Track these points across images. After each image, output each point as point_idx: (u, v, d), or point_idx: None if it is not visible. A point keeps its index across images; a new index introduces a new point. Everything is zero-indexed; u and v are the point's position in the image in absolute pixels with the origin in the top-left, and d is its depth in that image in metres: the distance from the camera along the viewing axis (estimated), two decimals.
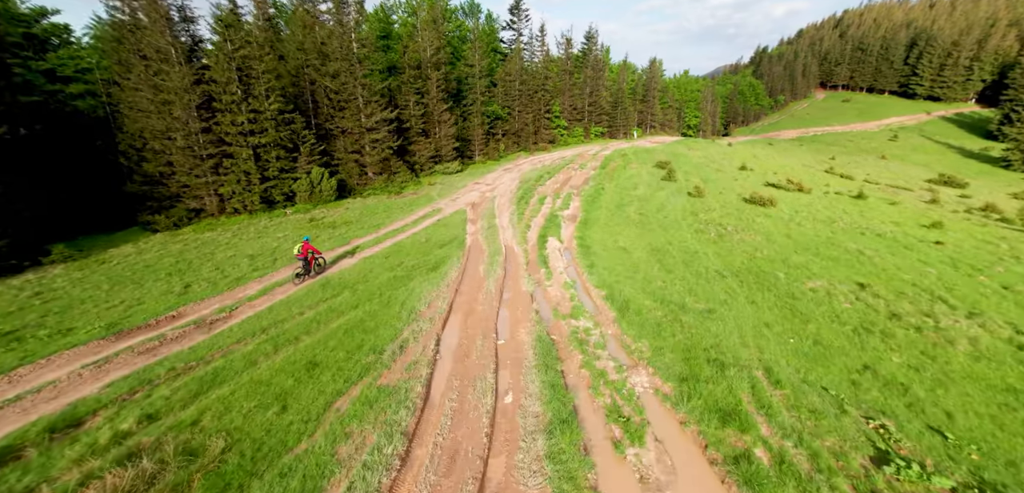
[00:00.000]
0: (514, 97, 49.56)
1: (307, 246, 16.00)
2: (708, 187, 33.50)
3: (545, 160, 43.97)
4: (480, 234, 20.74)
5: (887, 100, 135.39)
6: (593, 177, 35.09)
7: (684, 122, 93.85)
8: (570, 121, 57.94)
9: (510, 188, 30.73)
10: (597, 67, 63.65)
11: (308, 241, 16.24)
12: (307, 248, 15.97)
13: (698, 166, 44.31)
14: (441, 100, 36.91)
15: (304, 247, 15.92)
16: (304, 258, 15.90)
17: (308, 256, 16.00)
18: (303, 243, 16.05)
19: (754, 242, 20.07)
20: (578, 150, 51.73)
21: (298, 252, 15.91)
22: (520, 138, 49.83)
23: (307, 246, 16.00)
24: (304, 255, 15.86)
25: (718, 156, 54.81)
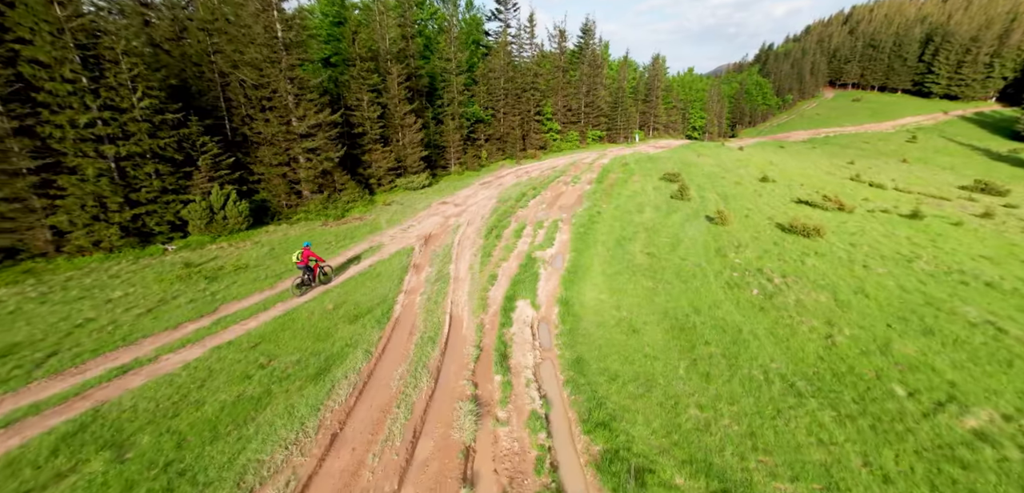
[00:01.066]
0: (499, 97, 43.08)
1: (308, 252, 14.92)
2: (730, 207, 27.02)
3: (533, 171, 37.50)
4: (421, 293, 14.29)
5: (900, 99, 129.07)
6: (588, 194, 28.60)
7: (689, 123, 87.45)
8: (564, 124, 51.49)
9: (483, 211, 24.27)
10: (594, 64, 57.19)
11: (308, 247, 15.10)
12: (308, 255, 14.91)
13: (712, 177, 37.81)
14: (404, 100, 30.41)
15: (304, 254, 14.82)
16: (305, 266, 14.85)
17: (309, 264, 15.00)
18: (303, 250, 14.90)
19: (819, 306, 13.57)
20: (572, 158, 45.23)
21: (297, 260, 14.71)
22: (506, 144, 43.35)
23: (308, 252, 14.92)
24: (304, 262, 14.82)
25: (731, 163, 48.35)
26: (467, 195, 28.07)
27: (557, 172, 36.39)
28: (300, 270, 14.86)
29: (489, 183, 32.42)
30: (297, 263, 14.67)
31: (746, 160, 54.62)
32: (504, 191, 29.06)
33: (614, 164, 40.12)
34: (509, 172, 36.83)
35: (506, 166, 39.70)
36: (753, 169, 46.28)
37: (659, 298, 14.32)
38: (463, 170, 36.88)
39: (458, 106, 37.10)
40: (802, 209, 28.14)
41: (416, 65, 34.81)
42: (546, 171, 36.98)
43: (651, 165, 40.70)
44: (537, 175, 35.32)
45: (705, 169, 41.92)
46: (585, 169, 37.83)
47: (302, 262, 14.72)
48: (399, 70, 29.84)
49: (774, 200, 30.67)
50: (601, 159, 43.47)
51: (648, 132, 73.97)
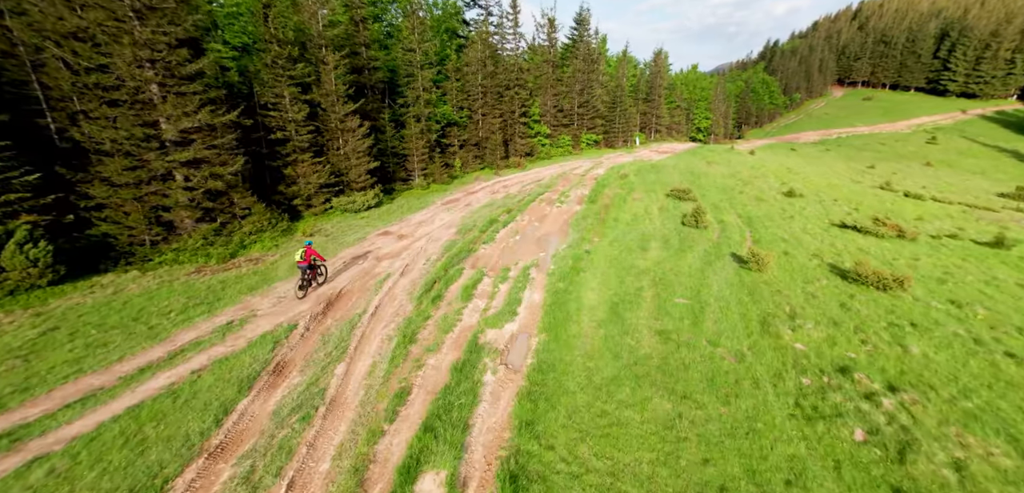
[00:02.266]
0: (476, 96, 36.57)
1: (311, 252, 13.95)
2: (760, 238, 20.49)
3: (512, 185, 30.99)
4: (238, 456, 7.77)
5: (914, 98, 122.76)
6: (576, 220, 22.06)
7: (693, 125, 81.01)
8: (554, 127, 44.97)
9: (431, 248, 17.72)
10: (590, 59, 50.67)
11: (311, 245, 14.10)
12: (310, 254, 13.95)
13: (728, 191, 31.30)
14: (344, 98, 23.83)
15: (307, 253, 13.86)
16: (307, 265, 13.89)
17: (312, 263, 14.08)
18: (305, 248, 13.90)
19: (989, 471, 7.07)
20: (562, 167, 38.71)
21: (300, 259, 13.76)
22: (484, 151, 36.83)
23: (311, 252, 13.95)
24: (307, 262, 13.83)
25: (746, 171, 41.88)
26: (420, 221, 21.50)
27: (541, 187, 29.84)
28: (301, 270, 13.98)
29: (455, 202, 25.85)
30: (298, 263, 13.80)
31: (761, 167, 48.21)
32: (470, 215, 22.51)
33: (611, 176, 33.58)
34: (484, 186, 30.27)
35: (482, 178, 33.12)
36: (772, 179, 39.85)
37: (688, 454, 7.79)
38: (429, 184, 30.32)
39: (425, 106, 30.56)
40: (850, 238, 21.66)
41: (370, 56, 28.28)
42: (528, 185, 30.42)
43: (655, 176, 34.18)
44: (517, 191, 28.79)
45: (718, 180, 35.43)
46: (575, 182, 31.28)
47: (304, 262, 13.85)
48: (337, 59, 23.22)
49: (811, 224, 24.17)
50: (596, 169, 36.94)
51: (650, 134, 67.49)
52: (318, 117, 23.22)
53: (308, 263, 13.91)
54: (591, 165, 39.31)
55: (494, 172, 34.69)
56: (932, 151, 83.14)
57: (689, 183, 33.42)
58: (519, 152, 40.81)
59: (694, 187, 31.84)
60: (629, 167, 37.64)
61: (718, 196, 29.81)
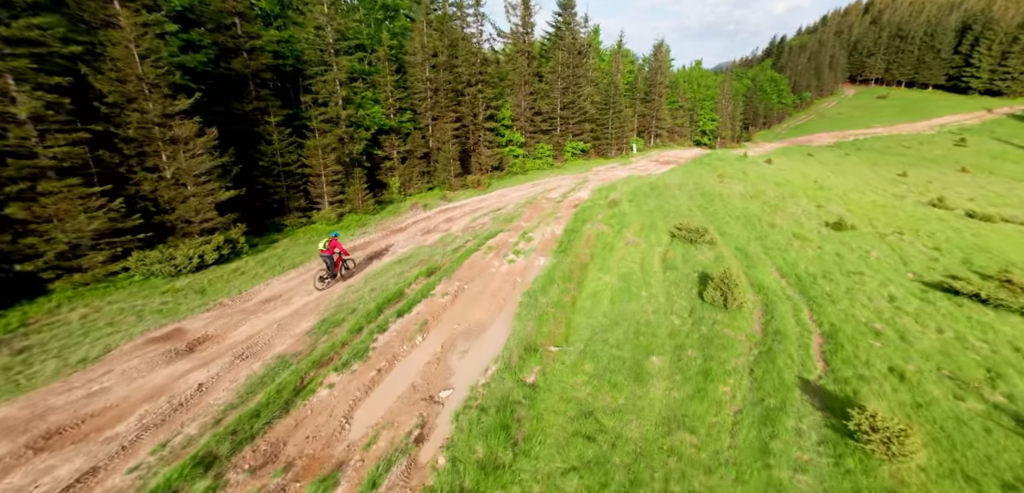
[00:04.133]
0: (423, 94, 28.21)
1: (335, 243, 13.54)
2: (833, 323, 12.02)
3: (459, 217, 22.55)
4: None
5: (932, 96, 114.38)
6: (527, 300, 13.39)
7: (697, 127, 72.66)
8: (530, 134, 36.54)
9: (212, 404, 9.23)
10: (576, 52, 42.24)
11: (336, 237, 13.83)
12: (334, 245, 13.51)
13: (755, 225, 22.90)
14: (164, 90, 15.09)
15: (331, 244, 13.47)
16: (329, 255, 13.46)
17: (334, 255, 13.54)
18: (330, 239, 13.54)
19: None
20: (536, 187, 30.28)
21: (324, 248, 13.38)
22: (435, 167, 28.42)
23: (335, 243, 13.54)
24: (330, 252, 13.43)
25: (770, 189, 33.47)
26: (265, 298, 12.89)
27: (499, 222, 21.36)
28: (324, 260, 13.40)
29: (361, 249, 17.42)
30: (322, 251, 13.25)
31: (785, 181, 39.85)
32: (353, 290, 13.88)
33: (597, 202, 25.08)
34: (418, 220, 21.78)
35: (423, 205, 24.59)
36: (803, 199, 31.48)
37: None
38: (343, 215, 21.83)
39: (342, 107, 22.20)
40: (978, 318, 13.18)
41: (247, 31, 19.71)
42: (482, 218, 21.96)
43: (655, 202, 25.73)
44: (461, 228, 20.35)
45: (737, 205, 27.04)
46: (547, 214, 22.80)
47: (327, 251, 13.29)
48: (135, 24, 14.39)
49: (894, 286, 15.71)
50: (579, 190, 28.48)
51: (649, 140, 59.11)
52: (113, 119, 14.46)
53: (330, 253, 13.29)
54: (574, 183, 30.86)
55: (442, 195, 26.20)
56: (964, 155, 74.92)
57: (701, 211, 25.00)
58: (483, 167, 32.42)
59: (709, 219, 23.42)
60: (622, 188, 29.17)
61: (743, 233, 21.40)
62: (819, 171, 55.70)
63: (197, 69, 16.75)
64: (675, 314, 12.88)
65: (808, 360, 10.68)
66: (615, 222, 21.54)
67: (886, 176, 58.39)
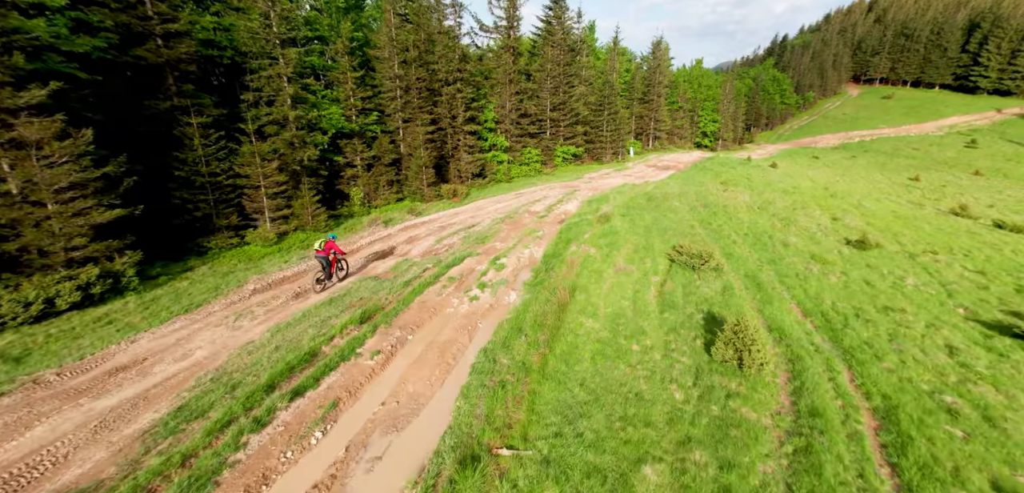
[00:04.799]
0: (392, 95, 25.12)
1: (331, 244, 13.26)
2: (886, 386, 8.80)
3: (425, 236, 19.39)
4: None
5: (939, 96, 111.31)
6: (486, 356, 10.34)
7: (698, 128, 69.58)
8: (516, 138, 33.40)
9: None
10: (567, 48, 39.13)
11: (334, 239, 13.53)
12: (331, 247, 13.21)
13: (766, 244, 19.75)
14: (4, 78, 11.80)
15: (327, 245, 13.17)
16: (325, 255, 13.11)
17: (330, 256, 13.25)
18: (326, 241, 13.29)
19: None
20: (519, 198, 27.17)
21: (319, 249, 13.04)
22: (405, 175, 25.29)
23: (331, 244, 13.26)
24: (325, 252, 13.08)
25: (778, 198, 30.42)
26: (112, 368, 9.75)
27: (470, 242, 18.21)
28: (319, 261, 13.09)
29: (287, 282, 14.22)
30: (317, 252, 12.99)
31: (792, 187, 36.87)
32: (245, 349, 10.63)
33: (585, 216, 21.94)
34: (370, 241, 18.58)
35: (384, 223, 21.38)
36: (815, 208, 28.50)
37: None
38: (286, 234, 18.62)
39: (292, 106, 19.11)
40: None
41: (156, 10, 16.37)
42: (448, 241, 18.77)
43: (652, 217, 22.58)
44: (422, 252, 17.22)
45: (744, 218, 23.96)
46: (526, 234, 19.62)
47: (323, 252, 12.99)
48: None
49: (950, 330, 12.54)
50: (567, 201, 25.33)
51: (647, 142, 56.02)
52: None
53: (326, 254, 12.98)
54: (562, 193, 27.72)
55: (412, 209, 23.02)
56: (976, 157, 71.95)
57: (704, 227, 21.88)
58: (463, 175, 29.31)
59: (713, 236, 20.32)
60: (615, 198, 26.03)
61: (753, 255, 18.30)
62: (827, 175, 52.70)
63: (92, 56, 13.66)
64: (675, 382, 9.73)
65: (866, 464, 7.53)
66: (605, 242, 18.41)
67: (897, 180, 55.41)
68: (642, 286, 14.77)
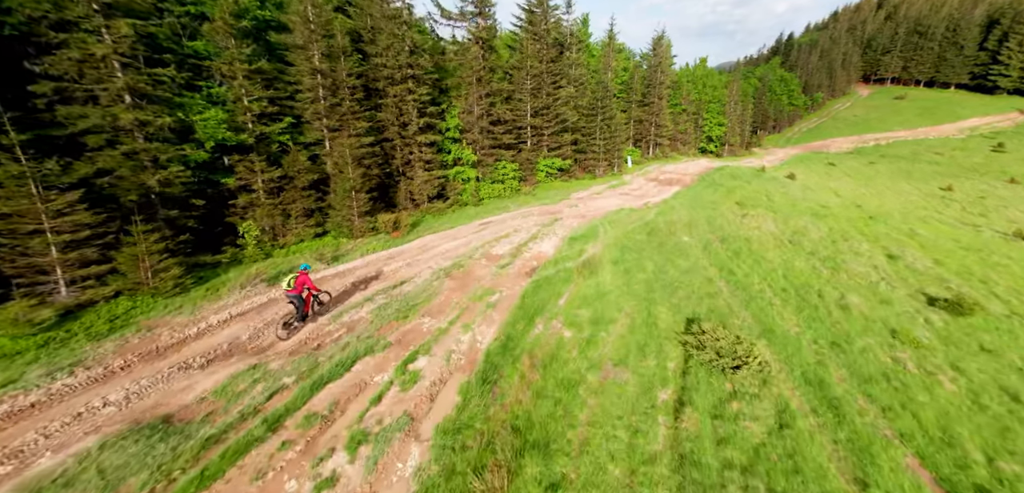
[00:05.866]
0: (311, 97, 19.02)
1: (303, 278, 11.39)
2: None
3: (313, 313, 13.22)
4: None
5: (955, 96, 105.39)
6: None
7: (702, 133, 63.57)
8: (487, 151, 27.24)
9: None
10: (550, 43, 33.09)
11: (306, 270, 11.64)
12: (303, 281, 11.35)
13: (815, 305, 13.42)
14: None
15: (298, 280, 11.31)
16: (297, 294, 11.27)
17: (303, 293, 11.41)
18: (298, 274, 11.43)
19: None
20: (479, 233, 21.03)
21: (289, 287, 11.22)
22: (333, 204, 19.09)
23: (303, 278, 11.39)
24: (297, 290, 11.27)
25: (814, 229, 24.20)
26: None
27: (379, 321, 11.92)
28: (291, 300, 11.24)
29: None
30: (288, 293, 11.13)
31: (820, 206, 30.91)
32: None
33: (563, 266, 15.74)
34: (226, 320, 12.37)
35: (267, 282, 15.13)
36: (860, 239, 22.37)
37: None
38: (56, 320, 12.31)
39: (130, 106, 13.05)
40: None
41: None
42: (354, 315, 12.53)
43: (654, 263, 16.34)
44: (287, 350, 11.08)
45: (776, 261, 17.79)
46: (476, 298, 13.38)
47: (295, 290, 11.17)
48: None
49: None
50: (541, 240, 19.13)
51: (647, 150, 49.94)
52: None
53: (298, 292, 11.21)
54: (540, 222, 21.59)
55: (320, 257, 16.76)
56: (1007, 162, 65.98)
57: (726, 278, 15.71)
58: (418, 198, 23.21)
59: (741, 295, 14.18)
60: (606, 232, 19.90)
61: (806, 336, 12.15)
62: (851, 187, 46.70)
63: None
64: None
65: None
66: (587, 315, 12.28)
67: (927, 190, 49.41)
68: (645, 421, 8.65)
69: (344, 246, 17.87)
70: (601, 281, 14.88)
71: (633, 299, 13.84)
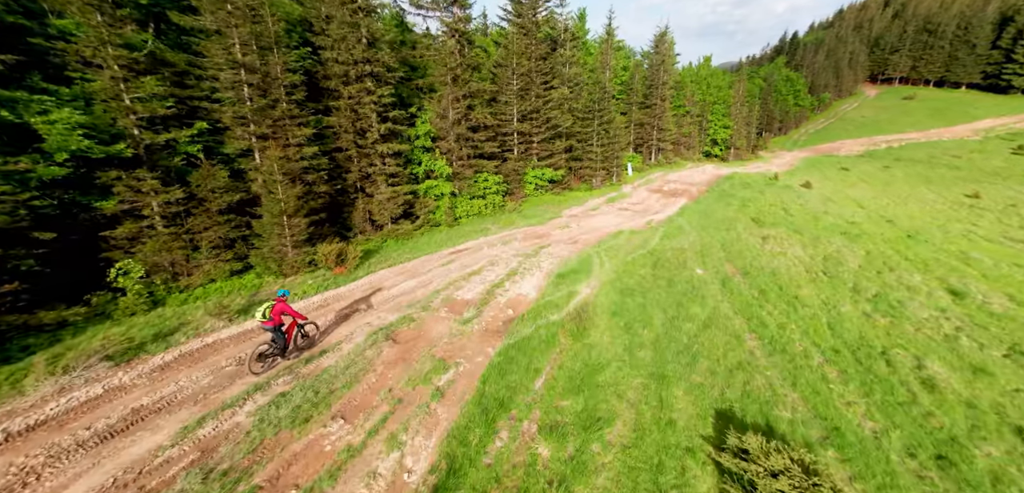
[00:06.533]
0: (233, 97, 15.16)
1: (282, 305, 9.32)
2: None
3: (150, 421, 9.36)
4: None
5: (966, 95, 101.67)
6: None
7: (707, 136, 59.75)
8: (465, 162, 23.34)
9: None
10: (540, 36, 29.26)
11: (284, 297, 9.58)
12: (281, 309, 9.29)
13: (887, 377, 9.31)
14: None
15: (275, 310, 9.26)
16: (275, 326, 9.28)
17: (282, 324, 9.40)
18: (276, 300, 9.42)
19: None
20: (446, 268, 17.16)
21: (265, 319, 9.23)
22: (260, 231, 15.20)
23: (282, 305, 9.32)
24: (276, 321, 9.24)
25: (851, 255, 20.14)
26: None
27: (240, 454, 8.10)
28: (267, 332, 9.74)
29: None
30: (262, 323, 9.21)
31: (850, 224, 27.12)
32: None
33: (545, 319, 11.81)
34: None
35: (110, 361, 11.32)
36: (912, 274, 18.24)
37: None
38: None
39: None
40: None
41: None
42: (212, 429, 8.77)
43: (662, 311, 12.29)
44: None
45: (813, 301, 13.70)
46: (419, 380, 9.47)
47: (271, 322, 9.17)
48: None
49: None
50: (521, 276, 15.21)
51: (649, 156, 46.09)
52: None
53: (276, 324, 9.20)
54: (522, 251, 17.74)
55: (222, 308, 12.87)
56: None
57: (757, 334, 11.73)
58: (378, 220, 19.35)
59: (780, 361, 10.18)
60: (602, 265, 16.03)
61: (889, 439, 8.14)
62: (870, 195, 42.77)
63: None
64: None
65: None
66: (575, 406, 8.41)
67: (952, 197, 45.40)
68: None
69: (266, 289, 13.99)
70: (595, 344, 11.01)
71: (639, 374, 9.98)
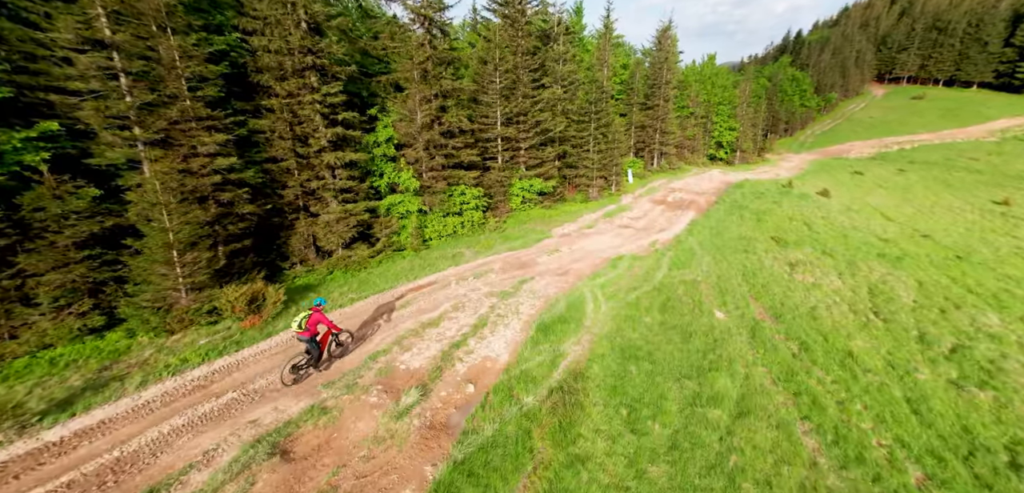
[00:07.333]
0: (104, 85, 11.48)
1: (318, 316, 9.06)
2: None
3: None
4: None
5: (978, 95, 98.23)
6: None
7: (712, 138, 56.13)
8: (436, 173, 19.67)
9: None
10: (529, 29, 25.64)
11: (321, 305, 9.31)
12: (317, 319, 9.03)
13: None
14: None
15: (311, 321, 8.98)
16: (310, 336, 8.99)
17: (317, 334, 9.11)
18: (313, 310, 9.17)
19: None
20: (391, 326, 13.43)
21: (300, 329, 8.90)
22: (136, 274, 11.49)
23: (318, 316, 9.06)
24: (311, 331, 8.98)
25: (904, 290, 16.11)
26: None
27: None
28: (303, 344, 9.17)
29: None
30: (298, 334, 8.90)
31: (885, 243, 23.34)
32: None
33: (518, 406, 7.87)
34: None
35: None
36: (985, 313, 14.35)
37: None
38: None
39: None
40: None
41: None
42: None
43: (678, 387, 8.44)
44: None
45: (866, 359, 9.89)
46: None
47: (308, 332, 8.88)
48: None
49: None
50: (492, 327, 11.30)
51: (651, 161, 42.41)
52: None
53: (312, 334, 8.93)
54: (496, 291, 14.01)
55: (98, 374, 9.28)
56: None
57: (810, 424, 7.95)
58: (325, 246, 15.69)
59: None
60: (597, 307, 12.26)
61: None
62: (893, 203, 39.11)
63: None
64: None
65: None
66: None
67: (979, 204, 41.73)
68: None
69: (135, 356, 10.26)
70: (586, 455, 7.28)
71: None
